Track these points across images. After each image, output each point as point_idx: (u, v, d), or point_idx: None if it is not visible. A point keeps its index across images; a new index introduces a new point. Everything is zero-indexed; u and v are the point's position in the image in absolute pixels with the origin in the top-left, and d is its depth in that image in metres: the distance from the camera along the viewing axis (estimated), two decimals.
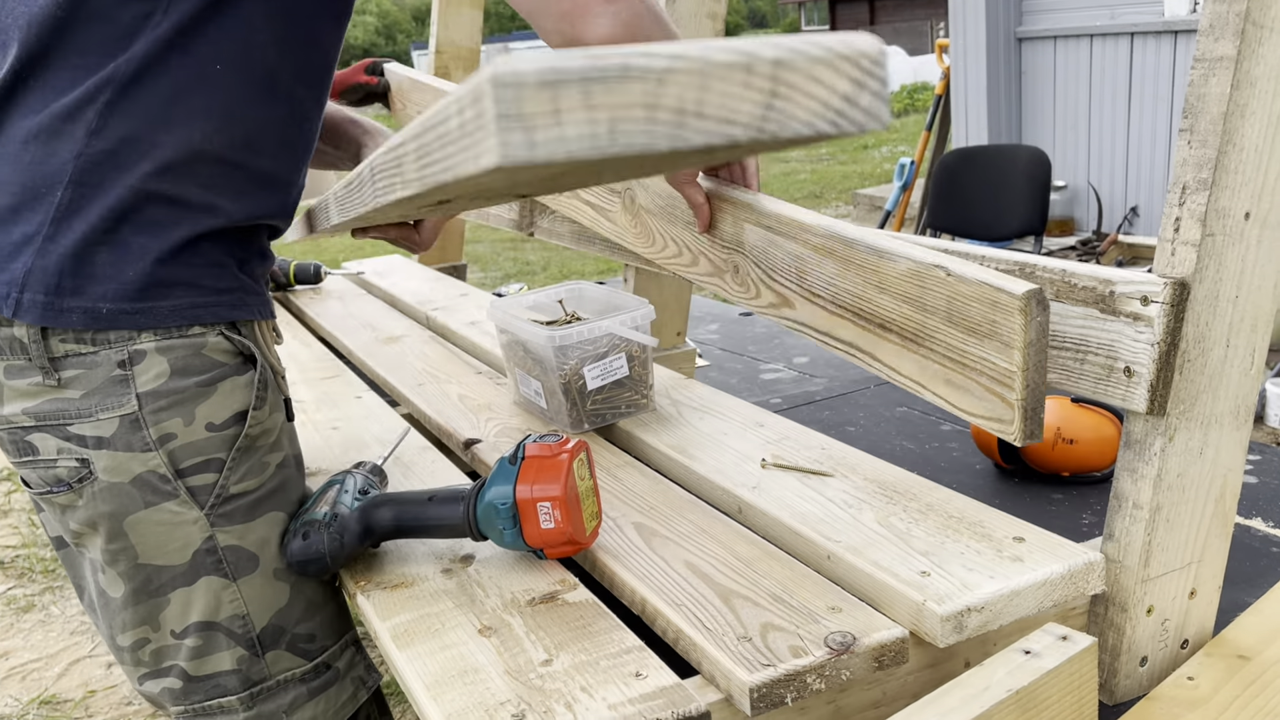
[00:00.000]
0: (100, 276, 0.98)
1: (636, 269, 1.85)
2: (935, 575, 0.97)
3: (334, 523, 1.09)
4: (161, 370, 1.01)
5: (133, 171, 0.97)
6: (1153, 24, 5.55)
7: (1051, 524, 1.10)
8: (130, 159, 0.97)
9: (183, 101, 0.98)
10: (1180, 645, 1.05)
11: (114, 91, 0.96)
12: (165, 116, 0.97)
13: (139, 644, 1.08)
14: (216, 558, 1.05)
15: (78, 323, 0.98)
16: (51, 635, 2.80)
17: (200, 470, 1.04)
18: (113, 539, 1.03)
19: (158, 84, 0.97)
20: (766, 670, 0.87)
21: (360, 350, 1.99)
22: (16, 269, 0.98)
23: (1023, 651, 0.85)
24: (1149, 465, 0.97)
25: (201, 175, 1.00)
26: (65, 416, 1.00)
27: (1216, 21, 0.91)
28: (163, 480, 1.02)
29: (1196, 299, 0.94)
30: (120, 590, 1.06)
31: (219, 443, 1.04)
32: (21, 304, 0.97)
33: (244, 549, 1.07)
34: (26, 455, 1.02)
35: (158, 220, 0.99)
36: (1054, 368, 1.05)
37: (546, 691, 0.89)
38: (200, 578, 1.05)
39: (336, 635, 1.15)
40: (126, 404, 1.00)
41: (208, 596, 1.06)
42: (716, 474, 1.25)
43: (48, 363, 0.99)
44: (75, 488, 1.02)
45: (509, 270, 7.12)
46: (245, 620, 1.07)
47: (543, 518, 1.04)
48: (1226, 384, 0.99)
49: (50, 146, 0.96)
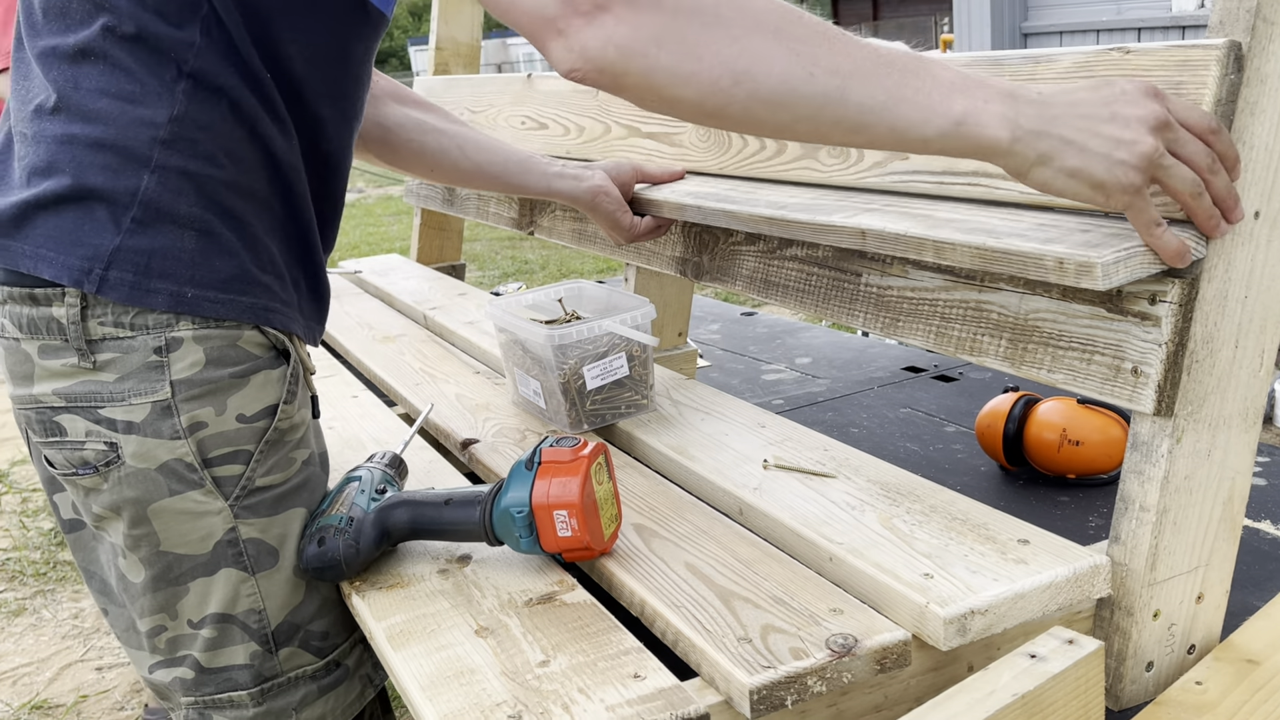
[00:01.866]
0: (188, 261, 1.00)
1: (637, 268, 1.85)
2: (938, 577, 0.97)
3: (349, 527, 1.09)
4: (197, 359, 1.02)
5: (212, 161, 1.00)
6: (1159, 19, 5.55)
7: (1057, 526, 1.10)
8: (208, 149, 0.99)
9: (239, 108, 1.01)
10: (1187, 650, 1.05)
11: (187, 84, 0.98)
12: (224, 116, 1.00)
13: (156, 630, 1.09)
14: (238, 550, 1.06)
15: (162, 304, 0.99)
16: (43, 639, 2.80)
17: (228, 461, 1.04)
18: (135, 524, 1.04)
19: (214, 93, 1.00)
20: (767, 672, 0.87)
21: (357, 349, 1.99)
22: (103, 244, 0.98)
23: (1028, 655, 0.85)
24: (1156, 467, 0.97)
25: (260, 176, 1.04)
26: (97, 399, 1.01)
27: (1226, 17, 0.91)
28: (189, 469, 1.03)
29: (1205, 299, 0.94)
30: (141, 575, 1.07)
31: (248, 434, 1.05)
32: (108, 281, 0.98)
33: (265, 543, 1.08)
34: (53, 435, 1.03)
35: (237, 213, 1.02)
36: (1060, 368, 1.05)
37: (544, 693, 0.89)
38: (220, 569, 1.06)
39: (348, 632, 1.16)
40: (160, 390, 1.01)
41: (226, 588, 1.07)
42: (717, 475, 1.25)
43: (85, 344, 1.00)
44: (101, 471, 1.02)
45: (507, 269, 7.13)
46: (261, 616, 1.08)
47: (559, 526, 1.04)
48: (1235, 385, 0.99)
49: (129, 126, 0.98)
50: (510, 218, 2.23)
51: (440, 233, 2.86)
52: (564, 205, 1.99)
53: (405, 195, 2.82)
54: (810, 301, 1.37)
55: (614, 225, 1.57)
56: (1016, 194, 1.07)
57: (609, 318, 1.40)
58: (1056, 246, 0.93)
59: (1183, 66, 0.94)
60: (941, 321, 1.18)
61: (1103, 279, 0.89)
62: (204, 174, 1.00)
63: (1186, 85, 0.93)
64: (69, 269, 0.98)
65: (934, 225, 1.07)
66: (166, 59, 0.98)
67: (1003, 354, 1.11)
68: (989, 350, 1.12)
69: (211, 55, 0.99)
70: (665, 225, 1.61)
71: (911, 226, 1.08)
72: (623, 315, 1.40)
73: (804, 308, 1.38)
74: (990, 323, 1.12)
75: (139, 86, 0.98)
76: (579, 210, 1.58)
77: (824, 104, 0.85)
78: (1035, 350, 1.07)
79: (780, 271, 1.43)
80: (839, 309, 1.33)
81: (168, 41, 0.98)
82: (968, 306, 1.14)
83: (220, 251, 1.02)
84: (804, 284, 1.39)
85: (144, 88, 0.98)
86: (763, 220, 1.31)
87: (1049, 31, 6.16)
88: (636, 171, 1.58)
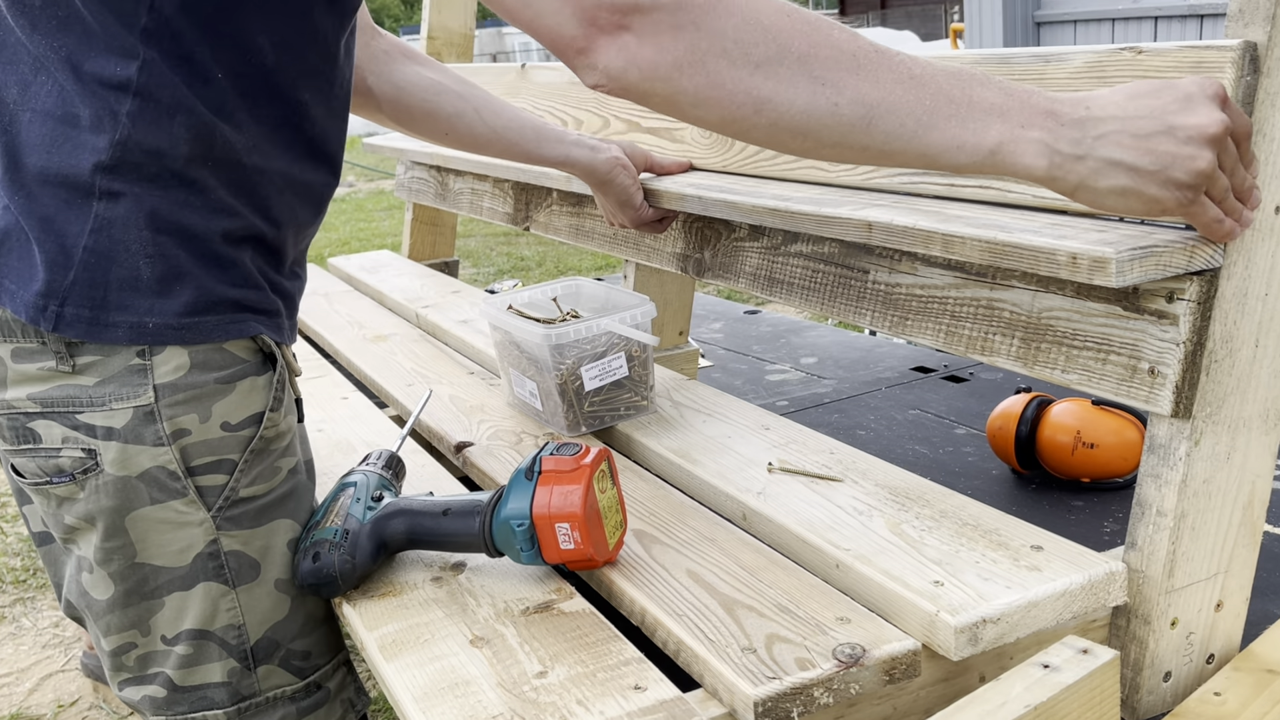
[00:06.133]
0: (146, 291, 0.99)
1: (637, 264, 1.85)
2: (949, 585, 0.97)
3: (345, 541, 1.09)
4: (181, 363, 1.01)
5: (164, 182, 0.98)
6: (1177, 7, 5.55)
7: (1071, 532, 1.10)
8: (158, 168, 0.97)
9: (196, 112, 0.98)
10: (1206, 660, 1.05)
11: (134, 102, 0.95)
12: (184, 124, 0.97)
13: (123, 649, 1.08)
14: (219, 562, 1.06)
15: (124, 339, 0.98)
16: (23, 649, 2.80)
17: (212, 470, 1.04)
18: (110, 536, 1.03)
19: (169, 95, 0.97)
20: (771, 683, 0.87)
21: (347, 349, 1.99)
22: (55, 280, 0.97)
23: (1041, 665, 0.85)
24: (1174, 470, 0.97)
25: (224, 183, 1.01)
26: (76, 404, 1.00)
27: (1247, 6, 0.91)
28: (172, 477, 1.02)
29: (1224, 296, 0.94)
30: (109, 592, 1.05)
31: (233, 443, 1.04)
32: (63, 318, 0.97)
33: (247, 555, 1.07)
34: (25, 442, 1.02)
35: (195, 231, 1.00)
36: (1074, 368, 1.05)
37: (541, 705, 0.89)
38: (199, 583, 1.05)
39: (331, 654, 1.15)
40: (143, 395, 1.00)
41: (205, 603, 1.06)
42: (720, 479, 1.25)
43: (63, 347, 0.99)
44: (78, 479, 1.02)
45: (502, 266, 7.12)
46: (240, 631, 1.07)
47: (561, 538, 1.04)
48: (1255, 386, 0.99)
49: (73, 152, 0.96)
50: (505, 213, 2.23)
51: (433, 228, 2.86)
52: (560, 200, 1.99)
53: (396, 190, 2.82)
54: (816, 299, 1.37)
55: (624, 203, 1.55)
56: (1029, 197, 1.07)
57: (608, 316, 1.40)
58: (1070, 242, 0.93)
59: (1197, 68, 0.94)
60: (952, 320, 1.18)
61: (1116, 275, 0.89)
62: (154, 197, 0.98)
63: None
64: (26, 305, 0.98)
65: (943, 220, 1.07)
66: (109, 78, 0.95)
67: (1015, 354, 1.11)
68: (1001, 350, 1.12)
69: (159, 70, 0.95)
70: (670, 218, 1.60)
71: (920, 220, 1.08)
72: (622, 314, 1.40)
73: (809, 306, 1.38)
74: (1002, 321, 1.12)
75: (85, 109, 0.95)
76: (590, 184, 1.56)
77: (849, 133, 0.86)
78: (1049, 350, 1.07)
79: (785, 268, 1.43)
80: (846, 307, 1.33)
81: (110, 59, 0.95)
82: (979, 304, 1.15)
83: (179, 276, 1.00)
84: (810, 281, 1.39)
85: (88, 110, 0.95)
86: (766, 211, 1.31)
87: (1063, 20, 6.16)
88: (646, 157, 1.57)
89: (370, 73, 1.43)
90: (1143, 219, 0.96)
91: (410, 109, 1.46)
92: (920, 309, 1.22)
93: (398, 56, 1.46)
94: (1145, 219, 0.96)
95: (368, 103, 1.45)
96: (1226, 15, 0.93)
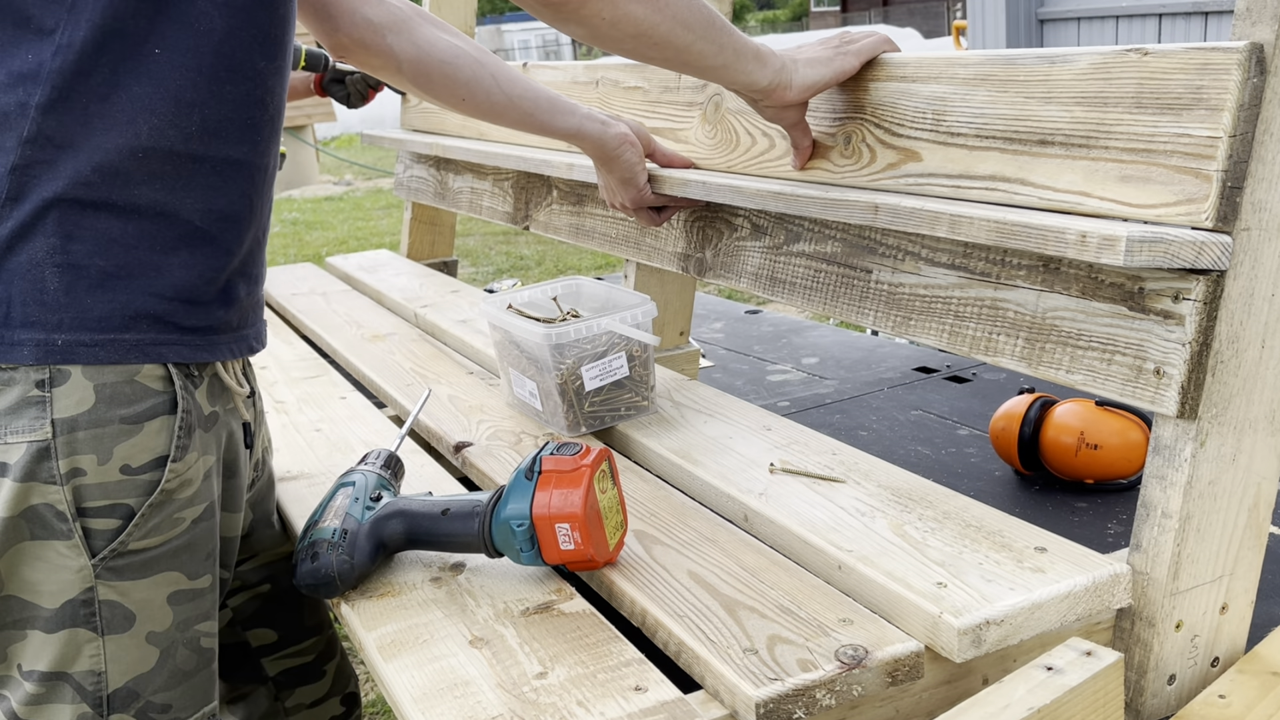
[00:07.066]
0: (53, 304, 0.92)
1: (637, 264, 1.85)
2: (952, 586, 0.97)
3: (343, 541, 1.08)
4: (85, 396, 0.94)
5: (77, 180, 0.91)
6: (1182, 4, 5.55)
7: (1075, 534, 1.11)
8: (73, 166, 0.91)
9: (123, 94, 0.92)
10: (1211, 662, 1.05)
11: (46, 91, 0.90)
12: (105, 113, 0.91)
13: None
14: (90, 610, 0.98)
15: (29, 358, 0.92)
16: None
17: (104, 514, 0.96)
18: None
19: (91, 79, 0.91)
20: (773, 685, 0.87)
21: (345, 348, 1.99)
22: None
23: (1044, 668, 0.85)
24: (1179, 472, 0.98)
25: (156, 176, 0.94)
26: None
27: (1254, 4, 0.92)
28: (59, 517, 0.95)
29: (1231, 296, 0.94)
30: None
31: (132, 488, 0.97)
32: None
33: (123, 606, 0.99)
34: None
35: (112, 236, 0.93)
36: (1079, 368, 1.05)
37: (541, 706, 0.89)
38: (65, 628, 0.98)
39: (195, 708, 1.07)
40: (39, 429, 0.93)
41: (67, 648, 0.98)
42: (721, 480, 1.25)
43: None
44: None
45: (502, 265, 7.12)
46: (99, 678, 1.00)
47: (561, 539, 1.04)
48: (1262, 387, 0.99)
49: None
50: (505, 212, 2.23)
51: (432, 227, 2.87)
52: (560, 199, 1.99)
53: (395, 188, 2.83)
54: (818, 299, 1.37)
55: (628, 181, 1.54)
56: (1035, 199, 1.07)
57: (608, 316, 1.40)
58: (1080, 222, 0.93)
59: (1203, 70, 0.94)
60: (955, 320, 1.18)
61: (1125, 254, 0.89)
62: (68, 199, 0.91)
63: (1207, 89, 0.93)
64: None
65: (949, 205, 1.07)
66: (20, 65, 0.89)
67: (1019, 354, 1.11)
68: (1005, 350, 1.12)
69: (75, 53, 0.89)
70: (668, 211, 1.60)
71: (927, 203, 1.09)
72: (622, 313, 1.40)
73: (811, 305, 1.38)
74: (1006, 321, 1.12)
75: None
76: (596, 158, 1.54)
77: (671, 33, 1.17)
78: (1053, 350, 1.07)
79: (787, 267, 1.43)
80: (848, 307, 1.33)
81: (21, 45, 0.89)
82: (983, 304, 1.15)
83: (93, 287, 0.93)
84: (812, 281, 1.39)
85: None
86: (770, 195, 1.31)
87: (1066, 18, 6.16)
88: (650, 140, 1.57)
89: (391, 32, 1.41)
90: (1146, 221, 0.97)
91: (429, 71, 1.44)
92: (924, 309, 1.22)
93: (418, 20, 1.45)
94: (1149, 221, 0.96)
95: (388, 64, 1.43)
96: (1234, 14, 0.93)
